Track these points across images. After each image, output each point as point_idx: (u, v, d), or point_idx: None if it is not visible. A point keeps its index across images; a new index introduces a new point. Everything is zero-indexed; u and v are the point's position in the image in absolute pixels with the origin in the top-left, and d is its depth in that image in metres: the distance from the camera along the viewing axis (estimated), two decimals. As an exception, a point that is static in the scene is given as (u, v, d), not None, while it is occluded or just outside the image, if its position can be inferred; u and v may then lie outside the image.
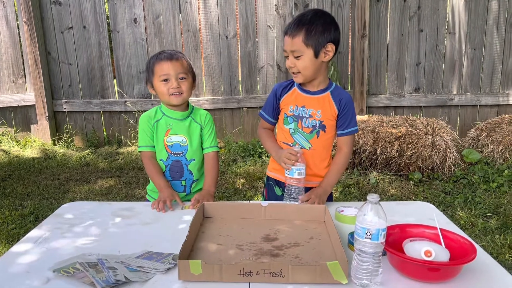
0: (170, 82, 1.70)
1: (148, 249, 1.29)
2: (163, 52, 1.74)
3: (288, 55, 1.62)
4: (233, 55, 4.70)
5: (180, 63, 1.71)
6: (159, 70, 1.71)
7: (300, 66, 1.61)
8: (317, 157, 1.72)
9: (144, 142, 1.78)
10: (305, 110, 1.69)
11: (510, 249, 2.49)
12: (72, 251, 1.29)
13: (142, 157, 1.82)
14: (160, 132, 1.77)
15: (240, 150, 4.33)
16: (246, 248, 1.29)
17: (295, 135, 1.72)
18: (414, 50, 4.57)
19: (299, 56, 1.60)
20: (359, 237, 1.10)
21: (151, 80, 1.76)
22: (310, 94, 1.70)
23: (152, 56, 1.77)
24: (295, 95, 1.72)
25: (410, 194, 3.34)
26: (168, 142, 1.77)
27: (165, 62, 1.70)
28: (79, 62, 4.70)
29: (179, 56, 1.73)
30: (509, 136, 3.73)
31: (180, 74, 1.71)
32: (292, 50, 1.60)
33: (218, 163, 1.84)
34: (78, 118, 4.84)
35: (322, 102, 1.68)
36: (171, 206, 1.61)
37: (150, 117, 1.79)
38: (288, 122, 1.72)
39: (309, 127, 1.69)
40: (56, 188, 3.59)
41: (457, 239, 1.21)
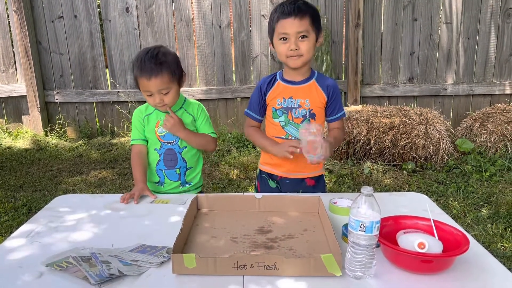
0: (153, 97, 1.69)
1: (141, 242, 1.29)
2: (144, 60, 1.64)
3: (287, 37, 1.57)
4: (227, 45, 4.66)
5: (160, 80, 1.63)
6: (141, 85, 1.68)
7: (304, 48, 1.58)
8: None
9: (134, 136, 1.83)
10: (293, 101, 1.68)
11: (502, 238, 2.52)
12: (65, 245, 1.28)
13: (132, 149, 1.85)
14: (151, 125, 1.80)
15: (234, 141, 4.32)
16: (240, 240, 1.29)
17: (286, 127, 1.70)
18: (408, 40, 4.56)
19: (305, 38, 1.57)
20: (353, 230, 1.10)
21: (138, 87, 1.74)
22: (295, 84, 1.69)
23: (136, 59, 1.68)
24: (280, 88, 1.70)
25: (404, 184, 3.36)
26: (159, 133, 1.79)
27: (145, 80, 1.64)
28: (70, 52, 4.64)
29: (160, 68, 1.64)
30: (501, 126, 3.75)
31: (162, 90, 1.67)
32: (299, 31, 1.55)
33: (216, 146, 1.87)
34: (70, 109, 4.79)
35: (309, 90, 1.68)
36: (137, 200, 1.62)
37: (141, 111, 1.82)
38: (277, 115, 1.71)
39: (300, 117, 1.68)
40: (49, 180, 3.57)
41: (450, 230, 1.22)
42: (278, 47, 1.61)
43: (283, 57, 1.62)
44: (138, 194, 1.64)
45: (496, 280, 1.09)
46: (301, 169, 1.74)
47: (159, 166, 1.81)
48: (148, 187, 1.72)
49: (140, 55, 1.69)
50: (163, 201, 1.64)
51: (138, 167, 1.77)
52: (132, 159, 1.82)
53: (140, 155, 1.80)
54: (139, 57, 1.68)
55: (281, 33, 1.58)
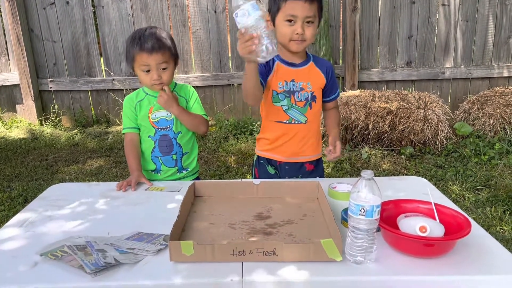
0: (151, 73, 1.66)
1: (138, 230, 1.27)
2: (144, 36, 1.64)
3: (294, 20, 1.52)
4: (222, 30, 4.59)
5: (161, 54, 1.64)
6: (140, 59, 1.65)
7: (309, 34, 1.54)
8: (313, 130, 1.71)
9: (126, 125, 1.79)
10: (295, 84, 1.64)
11: (501, 221, 2.52)
12: (60, 234, 1.26)
13: (124, 139, 1.81)
14: (144, 110, 1.76)
15: (231, 128, 4.29)
16: (239, 227, 1.27)
17: (289, 111, 1.67)
18: (406, 23, 4.50)
19: (311, 23, 1.53)
20: (353, 214, 1.08)
21: (132, 65, 1.71)
22: (296, 67, 1.65)
23: (132, 38, 1.67)
24: (281, 70, 1.65)
25: (402, 168, 3.35)
26: (153, 119, 1.75)
27: (145, 54, 1.63)
28: (63, 39, 4.56)
29: (161, 44, 1.64)
30: (500, 109, 3.73)
31: (162, 64, 1.66)
32: (308, 15, 1.51)
33: (207, 128, 1.85)
34: (65, 98, 4.73)
35: (309, 72, 1.65)
36: (134, 187, 1.60)
37: (131, 99, 1.79)
38: (279, 99, 1.66)
39: (302, 100, 1.65)
40: (45, 169, 3.53)
41: (451, 213, 1.20)
42: (282, 28, 1.55)
43: (286, 39, 1.56)
44: (135, 181, 1.62)
45: (497, 262, 1.07)
46: (301, 154, 1.72)
47: (154, 153, 1.78)
48: (144, 175, 1.70)
49: (137, 32, 1.68)
50: (158, 188, 1.61)
51: (132, 156, 1.74)
52: (125, 148, 1.79)
53: (133, 144, 1.77)
54: (137, 34, 1.67)
55: (288, 15, 1.52)
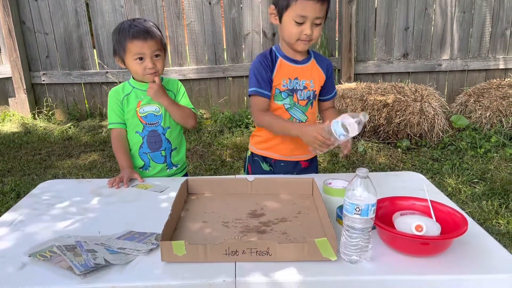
0: (145, 61, 1.62)
1: (129, 229, 1.25)
2: (134, 25, 1.61)
3: (304, 21, 1.46)
4: (217, 22, 4.53)
5: (155, 41, 1.62)
6: (133, 48, 1.61)
7: (317, 34, 1.50)
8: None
9: (112, 119, 1.74)
10: (299, 82, 1.60)
11: (497, 214, 2.51)
12: (49, 233, 1.23)
13: (111, 134, 1.77)
14: (132, 105, 1.71)
15: (227, 121, 4.25)
16: (232, 225, 1.25)
17: (291, 110, 1.63)
18: (402, 14, 4.46)
19: (319, 24, 1.49)
20: (348, 213, 1.06)
21: (122, 56, 1.66)
22: (299, 64, 1.61)
23: (122, 29, 1.63)
24: (284, 67, 1.60)
25: (398, 162, 3.33)
26: (141, 113, 1.71)
27: (139, 42, 1.59)
28: (55, 31, 4.49)
29: (153, 32, 1.62)
30: (497, 102, 3.71)
31: (156, 52, 1.63)
32: (318, 16, 1.46)
33: (196, 122, 1.80)
34: (58, 91, 4.67)
35: (311, 70, 1.62)
36: (127, 183, 1.57)
37: (118, 92, 1.73)
38: (281, 97, 1.61)
39: (305, 99, 1.62)
40: (38, 164, 3.49)
41: (448, 211, 1.19)
42: (289, 27, 1.48)
43: (292, 39, 1.51)
44: (128, 178, 1.59)
45: (495, 261, 1.06)
46: (298, 152, 1.69)
47: (142, 150, 1.75)
48: (137, 171, 1.67)
49: (126, 22, 1.65)
50: (144, 186, 1.58)
51: (121, 152, 1.71)
52: (113, 144, 1.74)
53: (121, 139, 1.73)
54: (126, 24, 1.63)
55: (298, 15, 1.45)
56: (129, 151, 1.74)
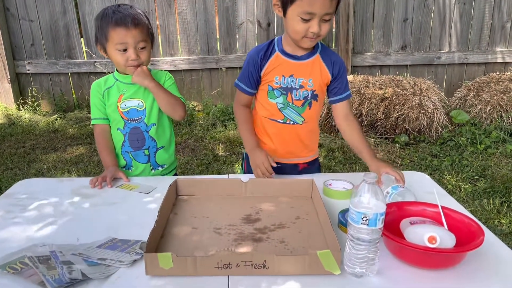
0: (128, 52, 1.48)
1: (112, 236, 1.14)
2: (118, 11, 1.47)
3: (311, 18, 1.31)
4: (210, 11, 4.38)
5: (140, 30, 1.47)
6: (115, 37, 1.46)
7: (325, 30, 1.34)
8: (311, 130, 1.55)
9: (95, 115, 1.62)
10: (294, 80, 1.45)
11: (499, 213, 2.43)
12: (22, 240, 1.13)
13: (94, 130, 1.64)
14: (112, 99, 1.58)
15: (220, 114, 4.12)
16: (225, 232, 1.15)
17: (285, 110, 1.49)
18: (401, 5, 4.34)
19: (328, 20, 1.33)
20: (354, 223, 0.96)
21: (104, 44, 1.51)
22: (298, 59, 1.45)
23: (104, 14, 1.49)
24: (279, 62, 1.46)
25: (396, 157, 3.24)
26: (122, 109, 1.58)
27: (122, 29, 1.45)
28: (41, 18, 4.31)
29: (139, 19, 1.48)
30: (497, 96, 3.62)
31: (140, 42, 1.49)
32: (327, 13, 1.30)
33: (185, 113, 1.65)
34: (43, 80, 4.50)
35: (312, 68, 1.45)
36: (110, 183, 1.46)
37: (99, 85, 1.60)
38: (274, 95, 1.48)
39: (301, 99, 1.47)
40: (21, 157, 3.35)
41: (461, 219, 1.09)
42: (295, 23, 1.33)
43: (298, 36, 1.35)
44: (111, 177, 1.47)
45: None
46: (297, 154, 1.57)
47: (124, 148, 1.62)
48: (122, 170, 1.55)
49: (111, 7, 1.50)
50: (129, 187, 1.46)
51: (105, 149, 1.59)
52: (97, 141, 1.62)
53: (105, 135, 1.61)
54: (111, 9, 1.49)
55: (305, 12, 1.29)
56: (113, 148, 1.62)
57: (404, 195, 1.28)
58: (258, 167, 1.43)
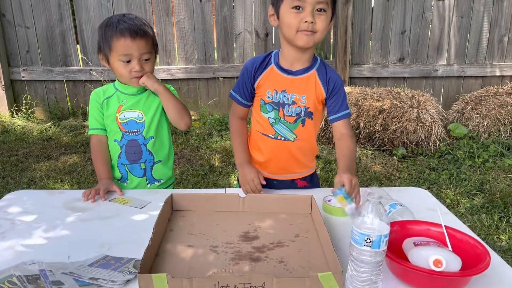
0: (132, 64, 1.45)
1: (105, 253, 1.09)
2: (123, 21, 1.44)
3: (302, 6, 1.26)
4: (208, 20, 4.37)
5: (145, 41, 1.44)
6: (119, 48, 1.43)
7: (321, 24, 1.28)
8: (304, 148, 1.50)
9: (92, 125, 1.58)
10: (287, 96, 1.40)
11: (498, 229, 2.40)
12: (11, 257, 1.08)
13: (90, 141, 1.60)
14: (111, 109, 1.54)
15: (216, 124, 4.09)
16: (222, 250, 1.11)
17: (276, 126, 1.45)
18: (399, 18, 4.35)
19: (323, 12, 1.28)
20: (357, 245, 0.93)
21: (107, 54, 1.48)
22: (292, 74, 1.40)
23: (108, 24, 1.46)
24: (273, 76, 1.42)
25: (394, 170, 3.21)
26: (121, 119, 1.53)
27: (127, 40, 1.42)
28: (37, 25, 4.27)
29: (144, 31, 1.45)
30: (495, 110, 3.62)
31: (145, 54, 1.46)
32: (319, 1, 1.26)
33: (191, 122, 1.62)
34: (38, 88, 4.45)
35: (307, 84, 1.40)
36: (104, 197, 1.42)
37: (98, 95, 1.56)
38: (266, 110, 1.45)
39: (293, 115, 1.42)
40: (14, 166, 3.28)
41: (466, 240, 1.07)
42: (287, 17, 1.29)
43: (292, 31, 1.30)
44: (104, 190, 1.43)
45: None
46: (291, 170, 1.53)
47: (121, 160, 1.58)
48: (115, 183, 1.50)
49: (115, 17, 1.46)
50: (122, 201, 1.42)
51: (100, 161, 1.54)
52: (92, 152, 1.58)
53: (101, 146, 1.56)
54: (115, 18, 1.45)
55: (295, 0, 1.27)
56: (109, 160, 1.58)
57: (402, 213, 1.25)
58: (248, 184, 1.42)
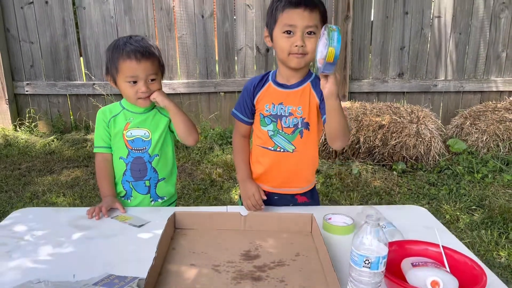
0: (138, 85, 1.48)
1: (109, 272, 1.11)
2: (129, 43, 1.47)
3: (293, 31, 1.35)
4: (210, 36, 4.43)
5: (150, 63, 1.47)
6: (126, 69, 1.47)
7: (310, 46, 1.35)
8: (304, 160, 1.52)
9: (97, 143, 1.60)
10: (284, 108, 1.47)
11: (497, 245, 2.42)
12: (17, 275, 1.10)
13: (95, 158, 1.63)
14: (119, 127, 1.57)
15: (217, 137, 4.12)
16: (224, 269, 1.13)
17: (275, 138, 1.50)
18: (398, 34, 4.41)
19: (312, 34, 1.35)
20: (356, 266, 0.95)
21: (114, 76, 1.52)
22: (288, 88, 1.48)
23: (116, 46, 1.50)
24: (270, 91, 1.49)
25: (394, 185, 3.23)
26: (128, 137, 1.56)
27: (133, 62, 1.45)
28: (41, 40, 4.34)
29: (150, 52, 1.48)
30: (493, 125, 3.65)
31: (151, 75, 1.49)
32: (308, 25, 1.34)
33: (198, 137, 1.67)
34: (42, 102, 4.50)
35: (302, 95, 1.46)
36: (107, 214, 1.45)
37: (105, 113, 1.59)
38: (265, 123, 1.50)
39: (290, 126, 1.47)
40: (17, 180, 3.31)
41: (463, 260, 1.08)
42: (279, 41, 1.38)
43: (285, 54, 1.39)
44: (107, 207, 1.46)
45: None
46: (291, 183, 1.56)
47: (125, 177, 1.60)
48: (118, 200, 1.53)
49: (122, 39, 1.51)
50: (123, 218, 1.45)
51: (104, 179, 1.57)
52: (97, 170, 1.61)
53: (106, 165, 1.59)
54: (122, 40, 1.50)
55: (286, 25, 1.35)
56: (113, 178, 1.60)
57: (393, 234, 1.27)
58: (249, 199, 1.48)
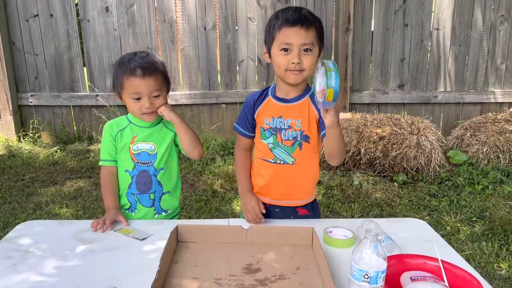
0: (142, 101, 1.51)
1: (113, 285, 1.13)
2: (134, 60, 1.50)
3: (289, 48, 1.39)
4: (212, 48, 4.49)
5: (153, 79, 1.50)
6: (130, 86, 1.50)
7: (307, 63, 1.40)
8: (304, 172, 1.55)
9: (103, 156, 1.63)
10: (283, 121, 1.50)
11: (498, 257, 2.42)
12: None
13: (100, 171, 1.65)
14: (125, 140, 1.59)
15: (219, 148, 4.15)
16: (225, 283, 1.15)
17: (275, 150, 1.53)
18: (398, 46, 4.45)
19: (309, 51, 1.40)
20: (356, 280, 0.97)
21: (120, 92, 1.56)
22: (287, 102, 1.51)
23: (121, 62, 1.53)
24: (270, 105, 1.53)
25: (395, 196, 3.24)
26: (134, 151, 1.59)
27: (136, 79, 1.48)
28: (46, 52, 4.39)
29: (153, 69, 1.51)
30: (494, 137, 3.66)
31: (154, 92, 1.51)
32: (305, 43, 1.38)
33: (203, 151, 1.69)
34: (45, 113, 4.54)
35: (301, 109, 1.50)
36: (110, 226, 1.47)
37: (111, 127, 1.61)
38: (265, 136, 1.53)
39: (290, 139, 1.50)
40: (20, 190, 3.33)
41: (462, 275, 1.10)
42: (277, 58, 1.42)
43: (282, 71, 1.43)
44: (110, 220, 1.48)
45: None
46: (292, 196, 1.58)
47: (130, 190, 1.62)
48: (122, 213, 1.55)
49: (127, 55, 1.54)
50: (126, 231, 1.47)
51: (109, 191, 1.59)
52: (102, 182, 1.63)
53: (111, 177, 1.61)
54: (127, 57, 1.53)
55: (283, 43, 1.40)
56: (117, 191, 1.62)
57: (392, 249, 1.29)
58: (249, 212, 1.51)
